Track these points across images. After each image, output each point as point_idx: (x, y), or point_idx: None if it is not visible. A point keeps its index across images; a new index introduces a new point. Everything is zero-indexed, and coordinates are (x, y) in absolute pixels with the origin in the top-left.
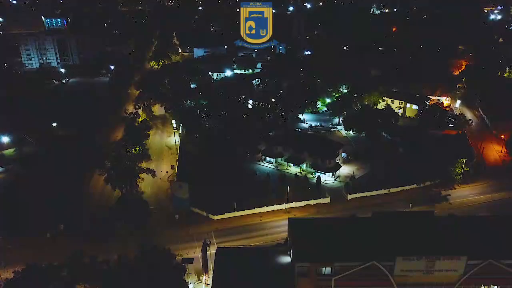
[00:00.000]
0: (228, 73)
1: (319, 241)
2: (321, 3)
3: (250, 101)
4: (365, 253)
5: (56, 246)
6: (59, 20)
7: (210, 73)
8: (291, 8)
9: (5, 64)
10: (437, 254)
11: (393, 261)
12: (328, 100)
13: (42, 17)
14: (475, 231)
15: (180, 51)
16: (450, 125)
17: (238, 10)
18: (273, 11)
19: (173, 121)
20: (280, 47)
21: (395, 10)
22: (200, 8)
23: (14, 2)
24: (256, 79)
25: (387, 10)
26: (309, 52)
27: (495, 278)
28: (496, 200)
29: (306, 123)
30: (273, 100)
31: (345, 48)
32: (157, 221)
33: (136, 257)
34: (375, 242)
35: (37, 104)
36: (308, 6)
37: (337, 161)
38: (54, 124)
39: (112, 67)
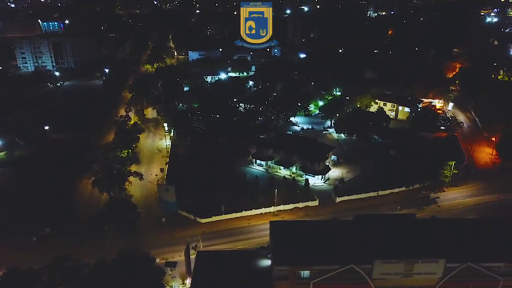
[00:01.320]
0: (223, 76)
1: (299, 244)
2: (318, 6)
3: (242, 104)
4: (344, 256)
5: (42, 249)
6: (56, 23)
7: (204, 77)
8: (288, 11)
9: (0, 68)
10: (415, 257)
11: (372, 264)
12: (321, 103)
13: (39, 20)
14: (455, 234)
15: (175, 54)
16: (442, 128)
17: (236, 13)
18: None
19: (165, 124)
20: (275, 50)
21: (391, 13)
22: (198, 11)
23: (13, 5)
24: (250, 82)
25: (383, 13)
26: (304, 55)
27: (474, 281)
28: (485, 203)
29: (298, 126)
30: (266, 103)
31: (340, 50)
32: (145, 224)
33: (114, 260)
34: (354, 245)
35: (30, 107)
36: (306, 9)
37: (327, 164)
38: (46, 128)
39: (107, 70)
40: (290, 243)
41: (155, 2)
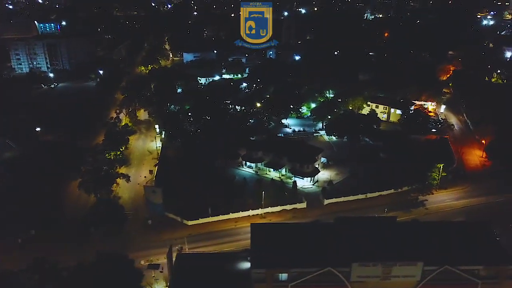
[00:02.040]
0: (217, 78)
1: (278, 247)
2: (316, 9)
3: (233, 106)
4: (322, 259)
5: (27, 251)
6: (52, 24)
7: (198, 78)
8: (286, 13)
9: None
10: (393, 260)
11: (349, 267)
12: (313, 105)
13: (36, 22)
14: (434, 236)
15: (171, 56)
16: (433, 130)
17: (233, 15)
18: None
19: (156, 126)
20: (271, 52)
21: (388, 15)
22: (195, 13)
23: (10, 7)
24: (244, 84)
25: (380, 16)
26: (299, 57)
27: (453, 284)
28: (473, 205)
29: (290, 128)
30: (258, 104)
31: (336, 53)
32: (132, 226)
33: (93, 263)
34: (334, 248)
35: (23, 108)
36: (303, 11)
37: (316, 166)
38: (38, 129)
39: (101, 72)
40: (270, 245)
41: (153, 4)
